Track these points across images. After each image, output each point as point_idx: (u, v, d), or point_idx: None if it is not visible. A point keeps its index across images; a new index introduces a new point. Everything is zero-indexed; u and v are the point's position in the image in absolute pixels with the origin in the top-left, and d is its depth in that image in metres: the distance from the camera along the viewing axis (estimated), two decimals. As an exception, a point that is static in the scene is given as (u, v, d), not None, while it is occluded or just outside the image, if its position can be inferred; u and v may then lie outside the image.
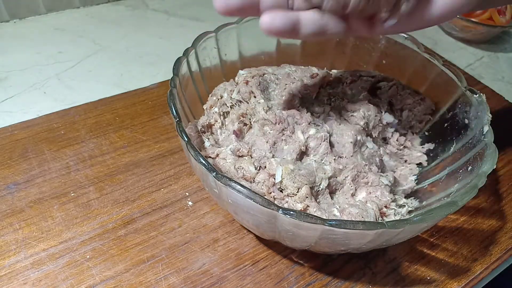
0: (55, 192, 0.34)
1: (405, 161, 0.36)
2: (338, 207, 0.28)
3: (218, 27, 0.35)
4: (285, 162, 0.29)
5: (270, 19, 0.22)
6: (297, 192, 0.28)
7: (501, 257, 0.33)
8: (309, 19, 0.23)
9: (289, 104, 0.33)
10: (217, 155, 0.31)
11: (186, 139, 0.25)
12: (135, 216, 0.33)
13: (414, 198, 0.32)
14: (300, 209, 0.27)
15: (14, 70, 0.47)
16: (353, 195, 0.30)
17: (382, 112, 0.35)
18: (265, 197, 0.25)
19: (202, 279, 0.29)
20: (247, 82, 0.34)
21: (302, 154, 0.30)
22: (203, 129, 0.33)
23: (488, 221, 0.35)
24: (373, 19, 0.25)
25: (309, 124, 0.32)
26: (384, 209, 0.30)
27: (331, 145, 0.31)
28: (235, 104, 0.34)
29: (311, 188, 0.28)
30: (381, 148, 0.34)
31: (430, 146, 0.36)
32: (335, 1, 0.22)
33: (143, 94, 0.44)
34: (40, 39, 0.52)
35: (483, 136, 0.29)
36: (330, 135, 0.31)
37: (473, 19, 0.57)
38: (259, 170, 0.29)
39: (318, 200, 0.29)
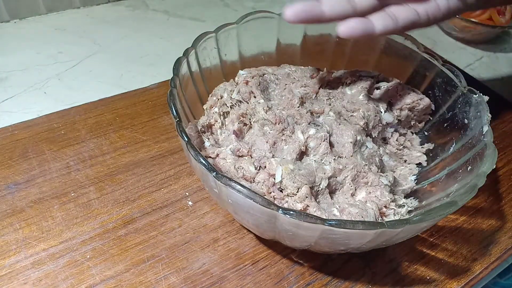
0: (56, 192, 0.34)
1: (405, 161, 0.36)
2: (337, 207, 0.29)
3: (218, 27, 0.35)
4: (285, 162, 0.29)
5: (347, 28, 0.26)
6: (297, 192, 0.28)
7: (500, 257, 0.33)
8: (379, 18, 0.27)
9: (289, 104, 0.33)
10: (217, 155, 0.31)
11: (186, 139, 0.25)
12: (135, 216, 0.33)
13: (413, 198, 0.32)
14: (300, 209, 0.27)
15: (15, 70, 0.47)
16: (353, 195, 0.30)
17: (381, 112, 0.35)
18: (265, 197, 0.25)
19: (202, 278, 0.29)
20: (247, 82, 0.34)
21: (302, 154, 0.30)
22: (203, 129, 0.33)
23: (488, 221, 0.35)
24: None
25: (309, 124, 0.32)
26: (384, 209, 0.30)
27: (331, 145, 0.31)
28: (235, 104, 0.34)
29: (311, 188, 0.28)
30: (380, 148, 0.34)
31: (429, 146, 0.36)
32: None
33: (143, 94, 0.44)
34: (40, 39, 0.52)
35: (482, 136, 0.29)
36: (330, 135, 0.31)
37: (472, 19, 0.57)
38: (259, 170, 0.29)
39: (318, 200, 0.29)
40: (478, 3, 0.29)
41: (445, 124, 0.35)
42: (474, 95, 0.32)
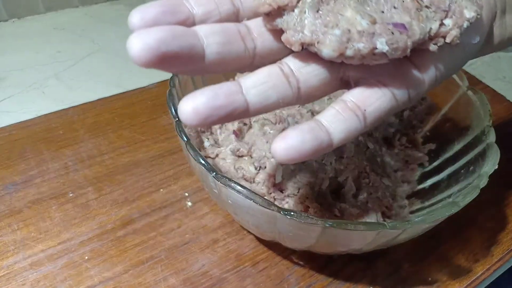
0: (54, 193, 0.34)
1: (406, 161, 0.36)
2: (338, 207, 0.28)
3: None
4: (285, 162, 0.29)
5: (288, 149, 0.15)
6: (298, 192, 0.28)
7: (502, 258, 0.33)
8: (336, 118, 0.16)
9: (289, 103, 0.33)
10: (217, 155, 0.31)
11: (186, 139, 0.25)
12: (134, 216, 0.33)
13: (415, 199, 0.32)
14: (300, 209, 0.27)
15: (13, 69, 0.47)
16: (354, 195, 0.30)
17: (382, 112, 0.35)
18: (265, 197, 0.25)
19: (202, 280, 0.29)
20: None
21: (303, 154, 0.30)
22: (202, 129, 0.33)
23: (490, 221, 0.35)
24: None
25: (309, 124, 0.31)
26: (385, 210, 0.29)
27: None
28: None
29: (312, 188, 0.28)
30: (382, 148, 0.34)
31: (431, 146, 0.36)
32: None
33: (142, 94, 0.44)
34: (39, 39, 0.52)
35: (484, 136, 0.29)
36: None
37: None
38: (259, 170, 0.29)
39: (318, 201, 0.28)
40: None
41: (447, 124, 0.35)
42: (476, 95, 0.32)
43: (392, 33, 0.15)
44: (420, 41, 0.16)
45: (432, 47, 0.17)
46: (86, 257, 0.30)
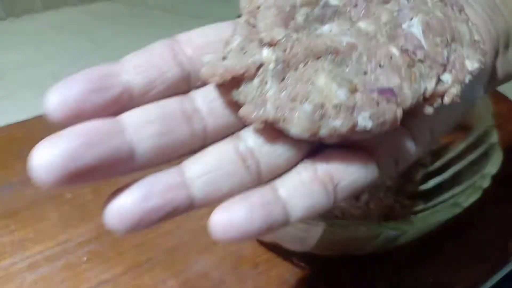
0: (51, 194, 0.33)
1: (408, 161, 0.35)
2: (340, 208, 0.28)
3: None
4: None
5: (228, 227, 0.12)
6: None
7: (505, 260, 0.33)
8: (298, 191, 0.13)
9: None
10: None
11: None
12: (132, 217, 0.32)
13: (418, 199, 0.32)
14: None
15: (11, 69, 0.47)
16: (355, 196, 0.30)
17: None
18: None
19: (201, 282, 0.29)
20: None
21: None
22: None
23: (493, 223, 0.35)
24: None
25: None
26: (387, 211, 0.29)
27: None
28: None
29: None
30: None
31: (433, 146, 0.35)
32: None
33: (141, 93, 0.44)
34: (36, 37, 0.52)
35: (487, 137, 0.29)
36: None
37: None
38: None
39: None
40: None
41: (449, 124, 0.34)
42: (479, 94, 0.31)
43: (378, 103, 0.12)
44: (412, 106, 0.13)
45: (428, 110, 0.14)
46: (84, 259, 0.30)
